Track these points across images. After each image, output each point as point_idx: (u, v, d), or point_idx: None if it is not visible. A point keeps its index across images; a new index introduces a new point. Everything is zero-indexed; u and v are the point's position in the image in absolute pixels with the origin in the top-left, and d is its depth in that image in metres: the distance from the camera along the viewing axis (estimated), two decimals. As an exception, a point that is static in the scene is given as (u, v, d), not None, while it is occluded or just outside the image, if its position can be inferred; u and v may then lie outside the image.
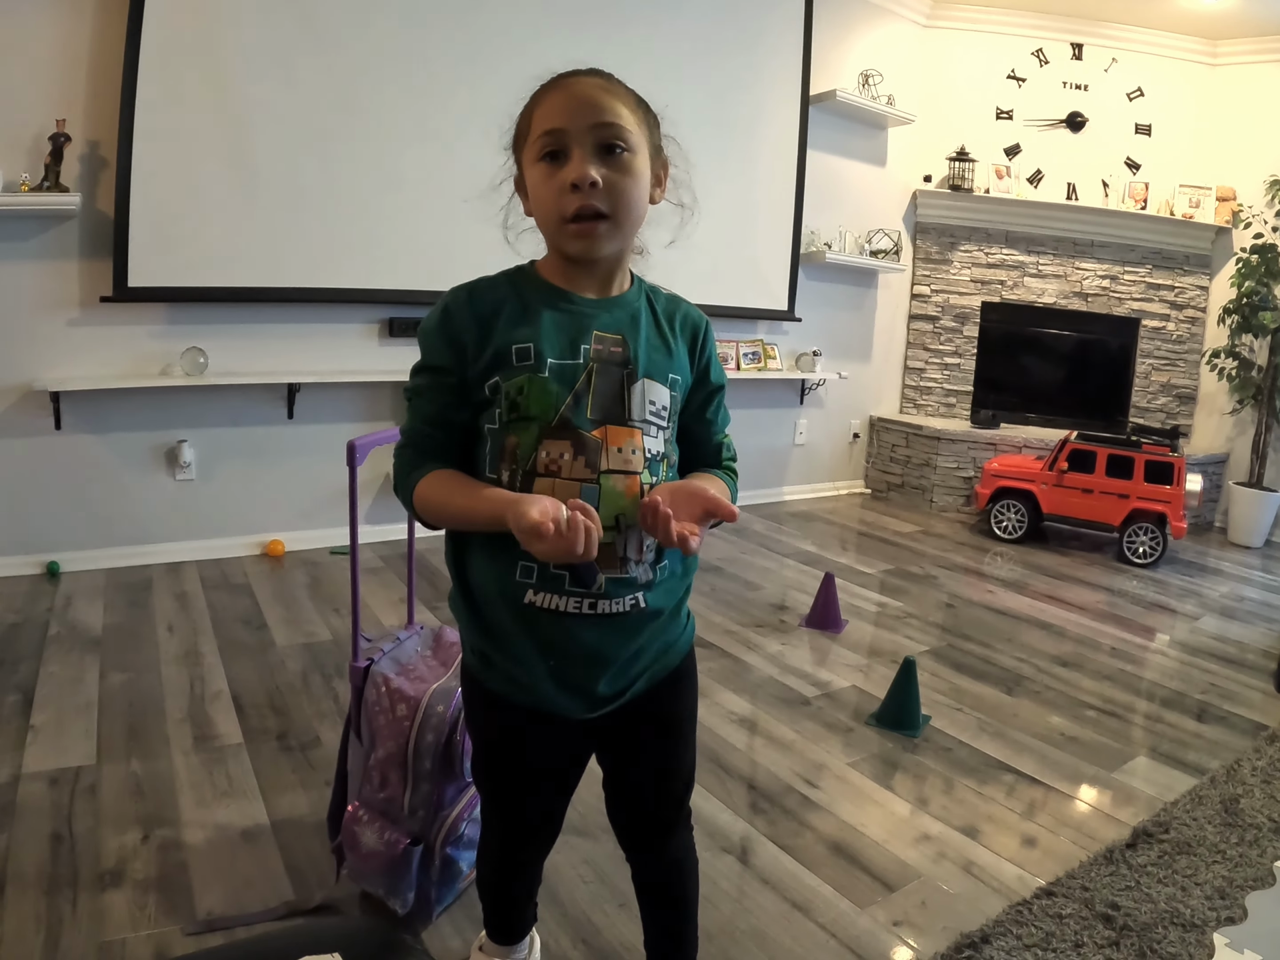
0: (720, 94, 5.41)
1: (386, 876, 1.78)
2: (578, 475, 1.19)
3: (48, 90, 3.70)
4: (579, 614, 1.23)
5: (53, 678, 2.93)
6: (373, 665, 1.86)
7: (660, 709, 1.39)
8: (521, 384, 1.20)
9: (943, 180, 6.61)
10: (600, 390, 1.22)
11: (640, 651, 1.31)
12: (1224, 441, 6.62)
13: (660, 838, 1.49)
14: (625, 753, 1.42)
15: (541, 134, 1.19)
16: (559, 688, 1.28)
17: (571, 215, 1.19)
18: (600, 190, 1.18)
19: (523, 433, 1.20)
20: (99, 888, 1.90)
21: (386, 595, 3.87)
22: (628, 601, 1.25)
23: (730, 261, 5.57)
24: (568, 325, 1.24)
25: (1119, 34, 6.48)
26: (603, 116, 1.18)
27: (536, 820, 1.45)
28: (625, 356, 1.25)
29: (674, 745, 1.44)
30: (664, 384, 1.28)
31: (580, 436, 1.20)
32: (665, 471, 1.28)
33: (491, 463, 1.23)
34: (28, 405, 3.82)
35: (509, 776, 1.41)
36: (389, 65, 4.31)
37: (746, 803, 2.43)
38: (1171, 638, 4.02)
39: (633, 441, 1.23)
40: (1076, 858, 2.24)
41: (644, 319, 1.30)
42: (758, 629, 3.75)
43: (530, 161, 1.22)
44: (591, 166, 1.17)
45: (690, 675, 1.44)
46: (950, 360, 6.84)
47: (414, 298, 4.49)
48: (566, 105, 1.18)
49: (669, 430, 1.29)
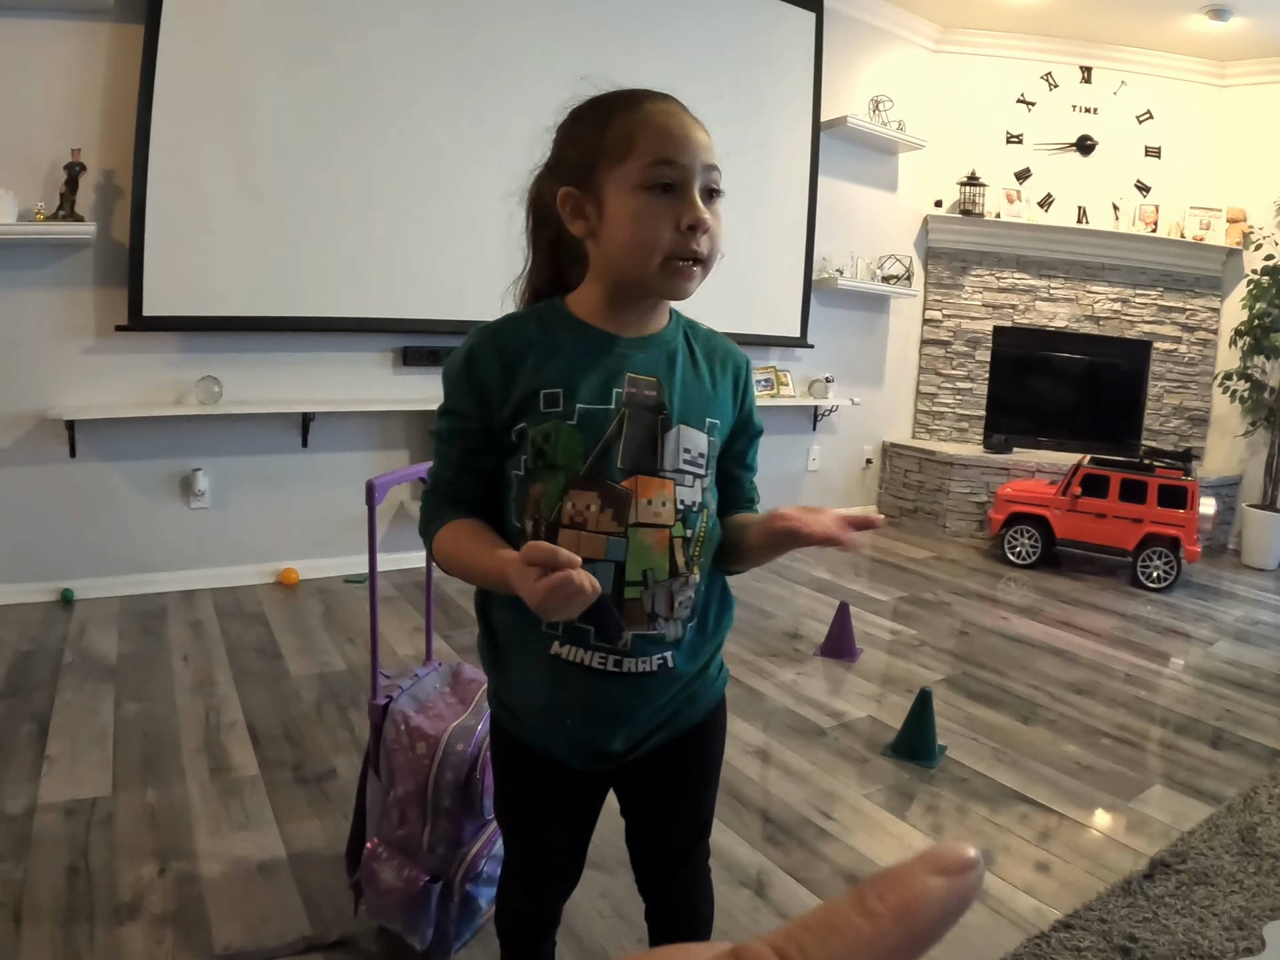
0: (732, 121, 5.43)
1: (405, 913, 1.78)
2: (604, 528, 1.14)
3: (63, 120, 3.75)
4: (604, 670, 1.19)
5: (68, 707, 2.94)
6: (392, 703, 1.86)
7: (681, 762, 1.36)
8: (548, 431, 1.14)
9: (954, 205, 6.63)
10: (632, 438, 1.16)
11: (661, 709, 1.27)
12: (1237, 464, 6.60)
13: (672, 879, 1.47)
14: (643, 797, 1.40)
15: (656, 162, 1.10)
16: (569, 742, 1.26)
17: (677, 255, 1.12)
18: (705, 236, 1.14)
19: (549, 481, 1.15)
20: (116, 921, 1.90)
21: (400, 624, 3.88)
22: (655, 661, 1.21)
23: (743, 288, 5.58)
24: (600, 367, 1.17)
25: (1127, 57, 6.51)
26: (711, 158, 1.14)
27: (558, 861, 1.42)
28: (659, 401, 1.19)
29: (694, 795, 1.42)
30: (701, 429, 1.21)
31: (609, 488, 1.14)
32: (705, 522, 1.22)
33: (517, 512, 1.18)
34: (43, 433, 3.85)
35: (530, 818, 1.38)
36: (403, 97, 4.35)
37: (762, 835, 2.42)
38: (1186, 663, 4.01)
39: (664, 493, 1.17)
40: (1094, 889, 2.22)
41: (681, 359, 1.24)
42: (772, 658, 3.74)
43: (627, 186, 1.12)
44: (704, 210, 1.12)
45: (718, 728, 1.42)
46: (962, 385, 6.84)
47: (428, 327, 4.51)
48: (681, 138, 1.12)
49: (707, 478, 1.23)
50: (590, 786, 1.35)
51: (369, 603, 1.91)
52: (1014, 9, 6.03)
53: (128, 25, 3.79)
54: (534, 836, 1.39)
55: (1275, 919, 2.12)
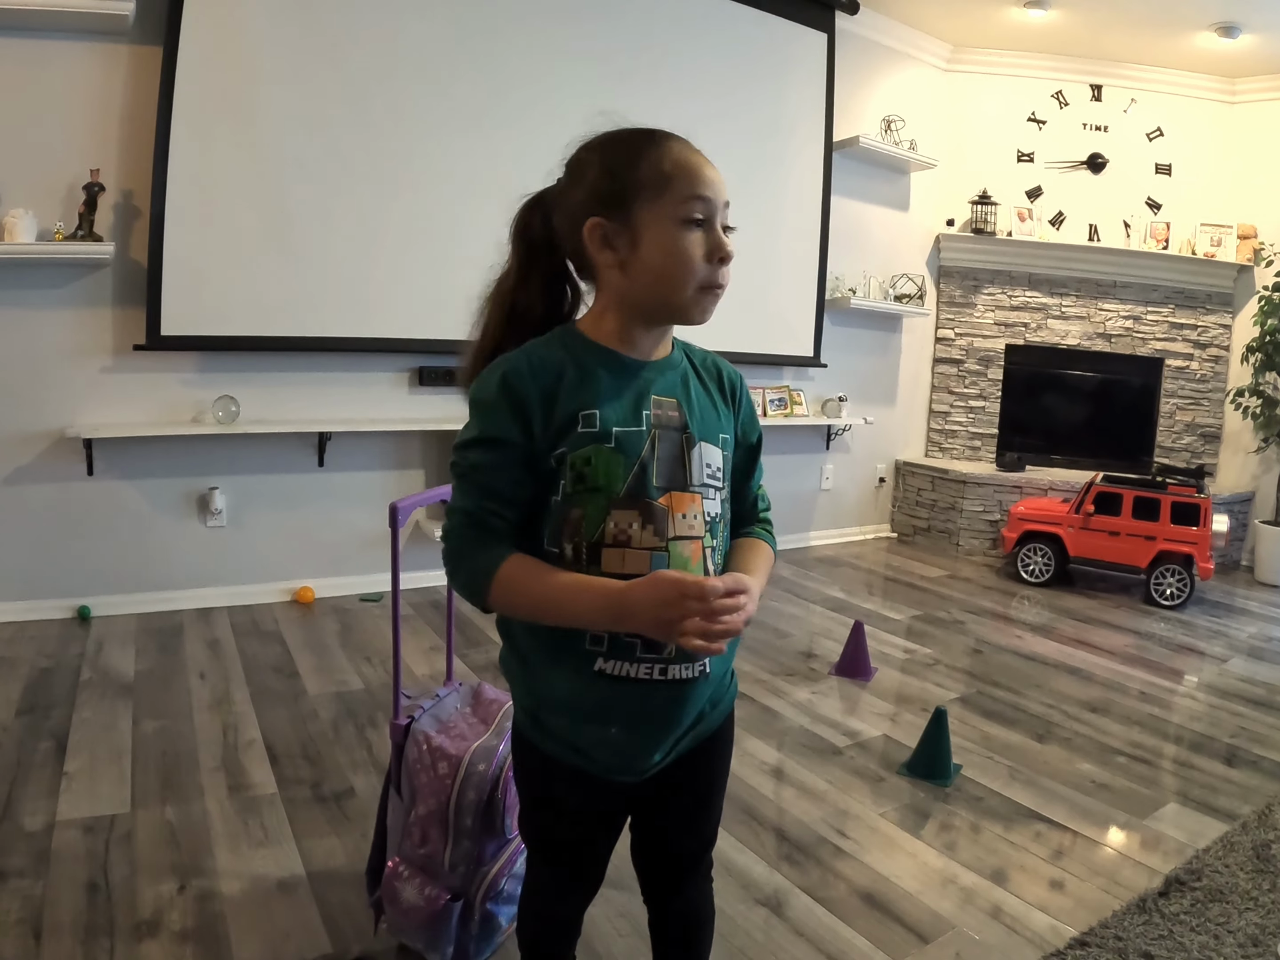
0: (744, 141, 5.47)
1: (426, 931, 1.79)
2: (647, 544, 1.19)
3: (82, 140, 3.79)
4: (649, 680, 1.23)
5: (86, 724, 2.95)
6: (413, 723, 1.87)
7: (698, 769, 1.39)
8: (589, 455, 1.18)
9: (965, 224, 6.65)
10: (664, 457, 1.22)
11: (698, 714, 1.32)
12: (1250, 480, 6.59)
13: (676, 886, 1.49)
14: (658, 806, 1.41)
15: (694, 197, 1.19)
16: (615, 755, 1.28)
17: (711, 285, 1.21)
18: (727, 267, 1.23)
19: (589, 504, 1.18)
20: (135, 938, 1.91)
21: (418, 643, 3.89)
22: (697, 667, 1.25)
23: (756, 308, 5.61)
24: (629, 391, 1.23)
25: (1137, 74, 6.52)
26: (727, 195, 1.24)
27: (580, 871, 1.44)
28: (683, 420, 1.25)
29: (704, 803, 1.44)
30: (717, 445, 1.28)
31: (648, 505, 1.19)
32: (722, 532, 1.29)
33: (552, 537, 1.21)
34: (61, 451, 3.88)
35: (555, 831, 1.40)
36: (421, 118, 4.39)
37: (778, 854, 2.42)
38: (1200, 680, 4.00)
39: (694, 506, 1.23)
40: (1109, 906, 2.22)
41: (692, 380, 1.31)
42: (787, 677, 3.75)
43: (664, 218, 1.19)
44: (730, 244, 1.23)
45: (728, 736, 1.44)
46: (975, 403, 6.84)
47: (444, 347, 4.51)
48: (709, 178, 1.21)
49: (724, 490, 1.30)
50: (617, 798, 1.37)
51: (389, 623, 1.92)
52: (1024, 28, 6.05)
53: (146, 46, 3.84)
54: (560, 848, 1.41)
55: (1292, 937, 2.12)
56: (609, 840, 1.43)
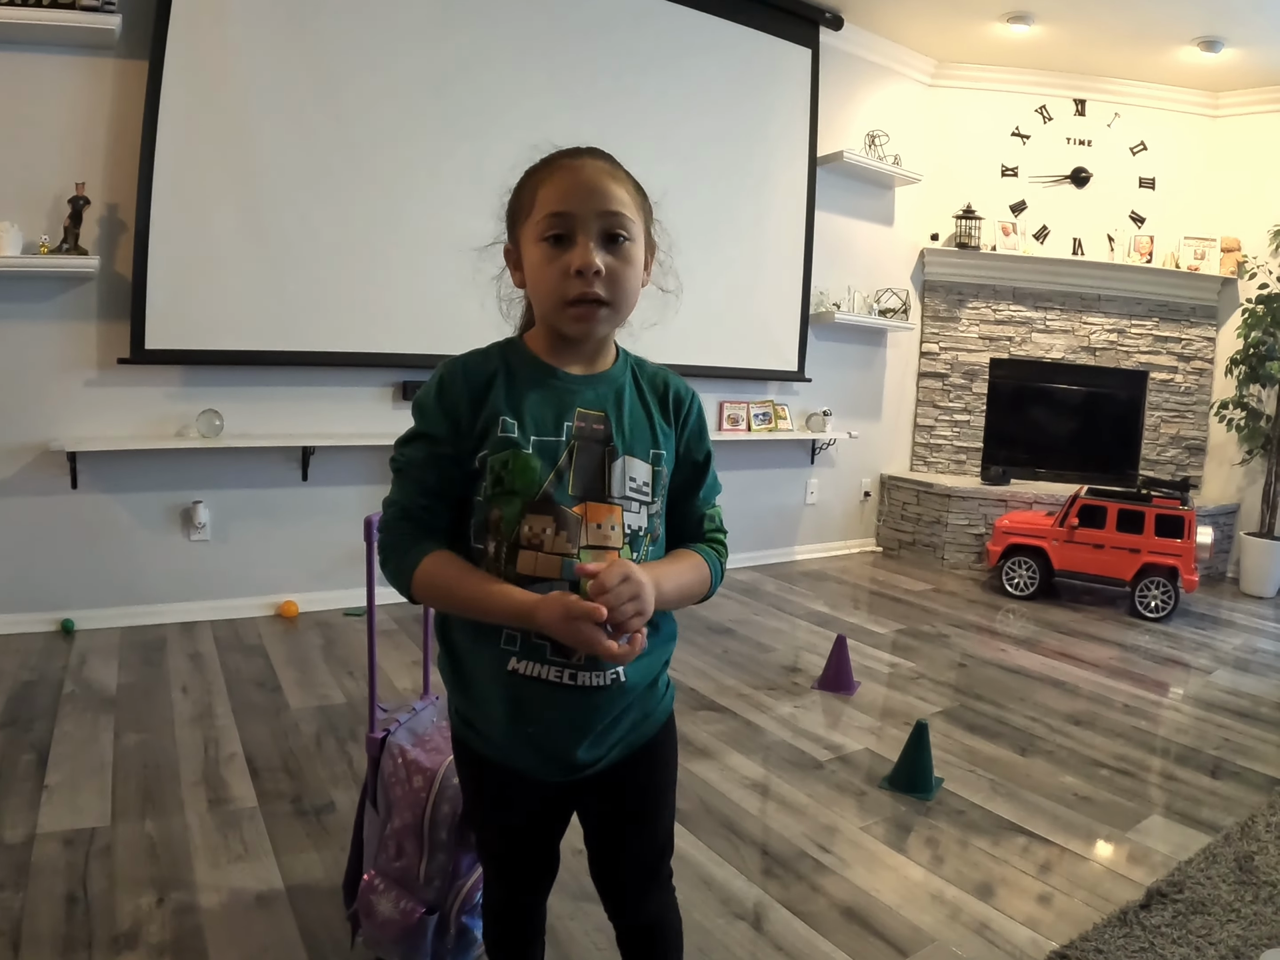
0: (729, 157, 5.49)
1: (402, 945, 1.78)
2: (559, 550, 1.22)
3: (68, 154, 3.79)
4: (559, 683, 1.25)
5: (67, 737, 2.94)
6: (389, 736, 1.88)
7: (637, 778, 1.40)
8: (506, 459, 1.23)
9: (950, 238, 6.68)
10: (581, 467, 1.25)
11: (617, 721, 1.32)
12: (1234, 492, 6.62)
13: (636, 900, 1.50)
14: (601, 818, 1.44)
15: (547, 215, 1.21)
16: (537, 753, 1.30)
17: (572, 299, 1.22)
18: (602, 278, 1.21)
19: (506, 506, 1.22)
20: (114, 950, 1.91)
21: (399, 658, 3.88)
22: (608, 676, 1.27)
23: (740, 323, 5.63)
24: (552, 401, 1.27)
25: (1121, 89, 6.58)
26: (609, 205, 1.22)
27: (528, 864, 1.47)
28: (606, 434, 1.28)
29: (650, 812, 1.45)
30: (645, 460, 1.30)
31: (561, 512, 1.23)
32: (648, 546, 1.30)
33: (477, 534, 1.26)
34: (45, 464, 3.87)
35: (496, 828, 1.44)
36: (405, 133, 4.41)
37: (759, 868, 2.42)
38: (1185, 692, 4.01)
39: (612, 518, 1.25)
40: (1090, 919, 2.22)
41: (628, 395, 1.33)
42: (770, 691, 3.74)
43: (531, 239, 1.24)
44: (597, 255, 1.20)
45: (668, 744, 1.45)
46: (960, 417, 6.87)
47: (427, 362, 4.52)
48: (574, 189, 1.21)
49: (653, 505, 1.31)
50: (554, 798, 1.40)
51: (368, 636, 1.92)
52: (1008, 43, 6.10)
53: (133, 61, 3.85)
54: (504, 843, 1.45)
55: (1273, 946, 2.12)
56: (546, 837, 1.46)
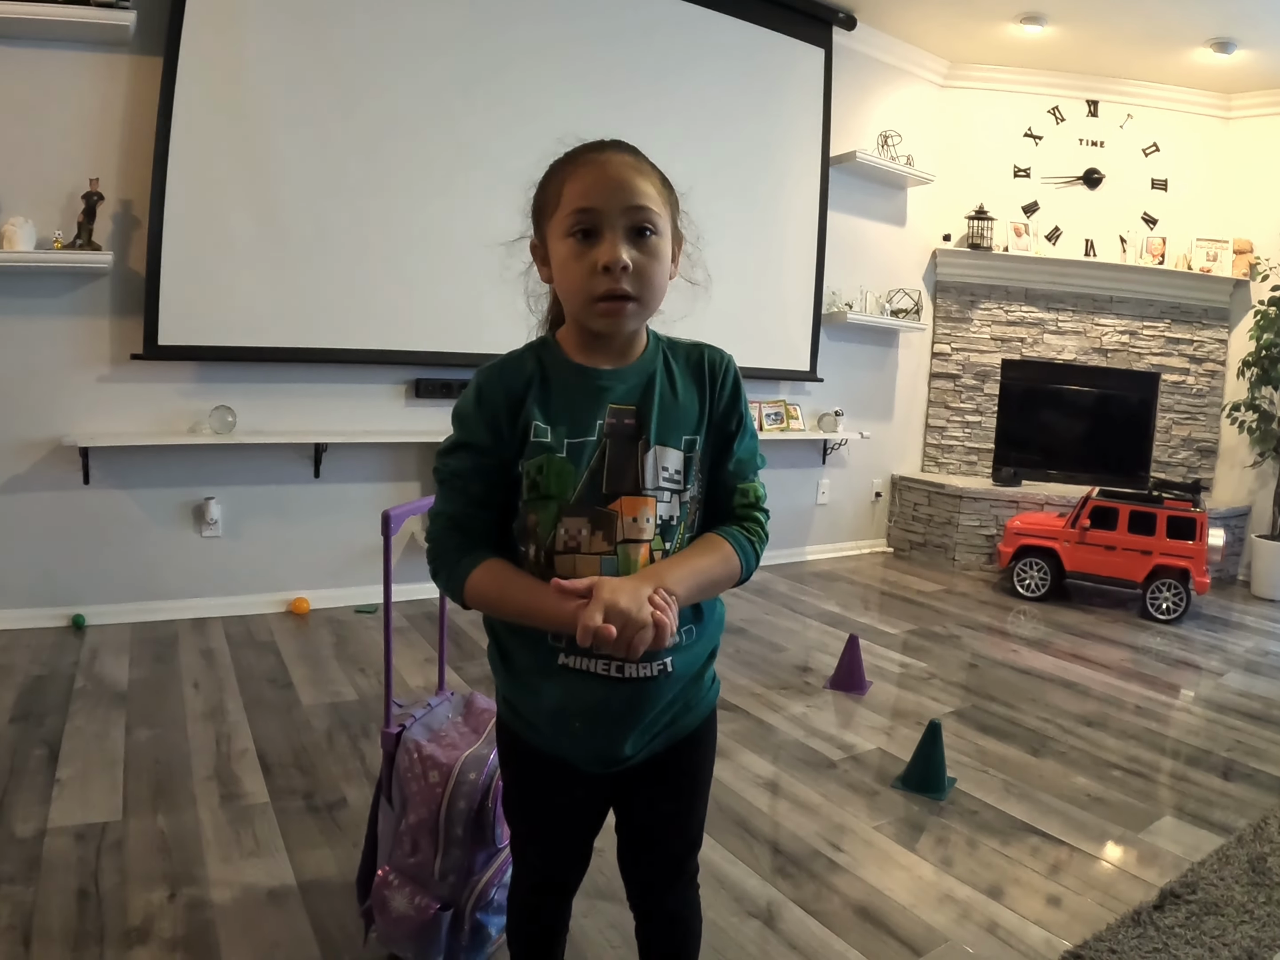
0: (742, 157, 5.49)
1: (416, 941, 1.78)
2: (596, 549, 1.23)
3: (82, 150, 3.80)
4: (607, 676, 1.26)
5: (79, 732, 2.94)
6: (404, 731, 1.87)
7: (676, 769, 1.40)
8: (541, 464, 1.23)
9: (962, 239, 6.67)
10: (614, 464, 1.25)
11: (664, 712, 1.33)
12: (1246, 494, 6.60)
13: (661, 891, 1.49)
14: (636, 806, 1.43)
15: (574, 211, 1.20)
16: (582, 746, 1.31)
17: (600, 295, 1.20)
18: (630, 274, 1.20)
19: (542, 512, 1.24)
20: (125, 945, 1.90)
21: (412, 655, 3.88)
22: (655, 667, 1.27)
23: (753, 323, 5.62)
24: (585, 402, 1.27)
25: (1134, 90, 6.56)
26: (636, 199, 1.20)
27: (561, 855, 1.46)
28: (638, 427, 1.27)
29: (685, 804, 1.45)
30: (677, 447, 1.29)
31: (596, 512, 1.23)
32: (681, 534, 1.29)
33: (520, 537, 1.28)
34: (57, 460, 3.88)
35: (536, 815, 1.43)
36: (419, 129, 4.41)
37: (772, 866, 2.42)
38: (1196, 694, 4.00)
39: (646, 510, 1.25)
40: (1103, 920, 2.21)
41: (659, 381, 1.31)
42: (782, 691, 3.74)
43: (558, 235, 1.23)
44: (624, 250, 1.19)
45: (709, 738, 1.45)
46: (971, 418, 6.86)
47: (441, 359, 4.54)
48: (600, 184, 1.20)
49: (686, 491, 1.30)
50: (596, 788, 1.39)
51: (382, 632, 1.92)
52: (1021, 44, 6.09)
53: (147, 57, 3.85)
54: (540, 831, 1.45)
55: (1287, 950, 2.11)
56: (584, 829, 1.45)
